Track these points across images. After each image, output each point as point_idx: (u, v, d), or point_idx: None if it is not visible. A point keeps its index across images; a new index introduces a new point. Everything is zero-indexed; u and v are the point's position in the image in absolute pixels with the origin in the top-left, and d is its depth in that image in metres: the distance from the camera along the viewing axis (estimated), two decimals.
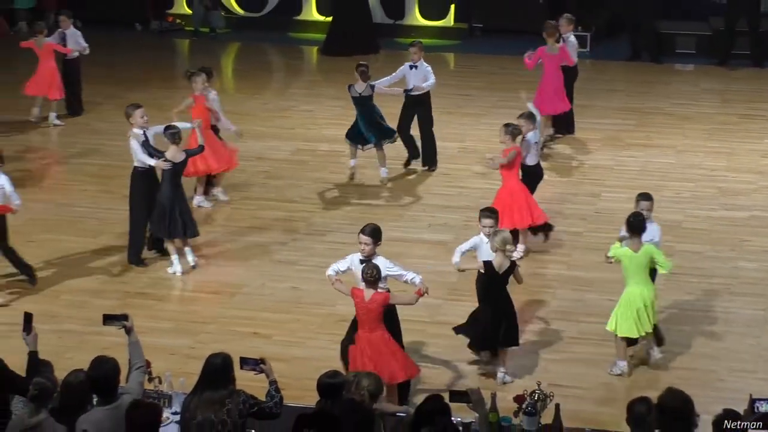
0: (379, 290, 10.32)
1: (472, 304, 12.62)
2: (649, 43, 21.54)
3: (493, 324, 11.06)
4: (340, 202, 15.55)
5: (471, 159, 17.00)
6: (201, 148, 13.97)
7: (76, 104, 18.67)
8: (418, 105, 16.35)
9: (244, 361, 8.54)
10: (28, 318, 8.85)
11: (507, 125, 13.54)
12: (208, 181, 15.35)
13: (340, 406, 8.21)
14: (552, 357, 11.70)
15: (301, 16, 24.21)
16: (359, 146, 15.93)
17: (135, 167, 13.73)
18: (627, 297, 11.12)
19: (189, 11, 24.25)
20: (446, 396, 8.19)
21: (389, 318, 10.60)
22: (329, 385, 8.39)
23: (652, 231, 11.33)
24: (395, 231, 14.39)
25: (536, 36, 22.66)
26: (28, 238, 14.36)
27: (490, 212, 11.63)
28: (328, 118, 18.34)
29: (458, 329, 11.32)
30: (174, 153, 13.42)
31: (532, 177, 13.95)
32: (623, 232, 11.34)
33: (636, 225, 11.03)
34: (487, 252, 11.20)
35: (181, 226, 13.49)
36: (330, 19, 23.14)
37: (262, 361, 8.62)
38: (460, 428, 8.81)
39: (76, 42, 18.27)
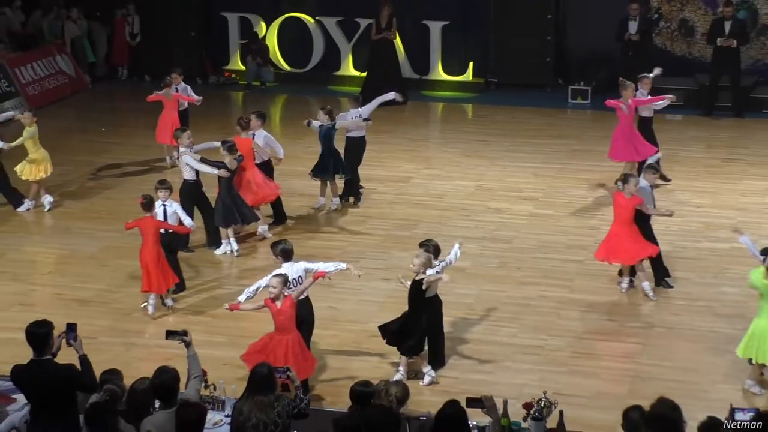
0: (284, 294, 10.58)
1: (489, 323, 12.64)
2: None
3: (402, 330, 11.18)
4: (371, 233, 15.52)
5: (486, 196, 16.95)
6: (241, 157, 14.77)
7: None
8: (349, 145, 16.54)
9: (275, 370, 8.59)
10: (71, 327, 8.82)
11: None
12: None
13: (370, 411, 8.19)
14: (557, 369, 11.62)
15: (340, 72, 24.27)
16: (329, 180, 16.19)
17: (185, 180, 14.55)
18: (753, 324, 10.90)
19: (243, 67, 24.37)
20: (463, 402, 8.16)
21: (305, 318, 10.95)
22: (361, 393, 8.38)
23: None
24: None
25: (542, 89, 22.83)
26: (103, 263, 14.44)
27: (421, 244, 11.63)
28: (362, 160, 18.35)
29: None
30: (230, 161, 14.42)
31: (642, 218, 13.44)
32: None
33: None
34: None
35: (240, 215, 14.62)
36: (365, 74, 23.21)
37: (289, 368, 8.79)
38: (476, 431, 8.78)
39: (188, 94, 18.46)
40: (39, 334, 8.56)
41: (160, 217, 13.02)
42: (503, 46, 23.23)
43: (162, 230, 12.96)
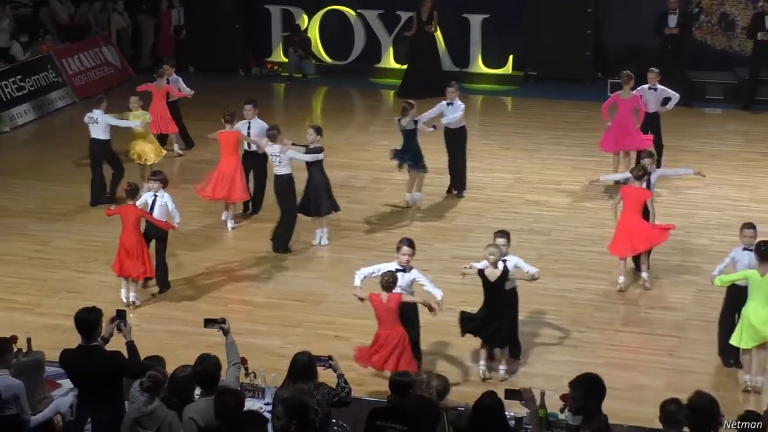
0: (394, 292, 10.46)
1: (526, 315, 12.56)
2: (682, 89, 21.29)
3: (484, 321, 11.05)
4: (411, 225, 15.50)
5: (524, 188, 16.89)
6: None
7: (188, 139, 18.90)
8: (455, 137, 16.23)
9: (317, 359, 8.58)
10: (121, 314, 8.87)
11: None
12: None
13: (409, 401, 8.17)
14: (594, 361, 11.54)
15: (381, 64, 24.24)
16: (402, 167, 15.97)
17: (281, 175, 14.25)
18: (745, 311, 10.85)
19: (285, 59, 24.39)
20: (501, 393, 8.14)
21: (410, 318, 10.75)
22: (400, 383, 8.35)
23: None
24: (459, 250, 14.31)
25: (581, 83, 22.68)
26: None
27: (501, 233, 11.47)
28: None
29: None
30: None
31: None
32: (724, 265, 11.16)
33: (765, 252, 10.67)
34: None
35: (333, 201, 14.64)
36: (405, 66, 23.15)
37: (331, 357, 8.76)
38: (513, 422, 8.74)
39: (179, 87, 18.48)
40: (88, 320, 8.62)
41: (149, 209, 12.97)
42: (543, 39, 23.08)
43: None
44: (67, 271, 13.96)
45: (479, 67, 23.68)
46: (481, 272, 11.03)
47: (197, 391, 8.46)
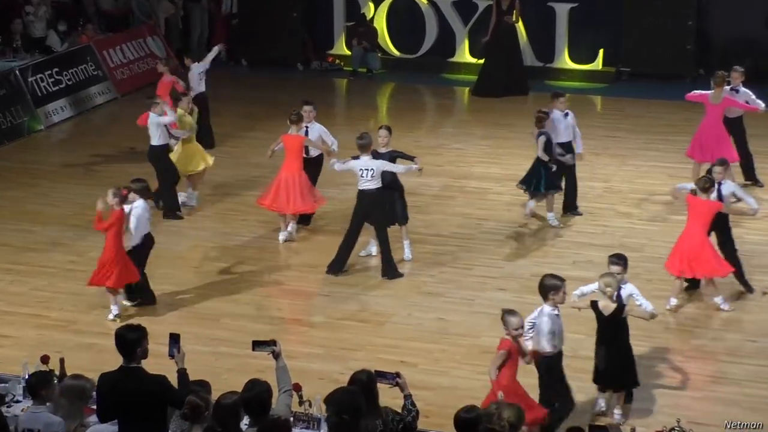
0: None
1: None
2: None
3: (605, 363, 10.91)
4: (486, 238, 15.44)
5: (615, 199, 16.78)
6: None
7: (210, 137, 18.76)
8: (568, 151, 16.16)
9: (382, 375, 8.56)
10: (175, 338, 8.89)
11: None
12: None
13: None
14: (692, 395, 11.45)
15: (454, 59, 24.25)
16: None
17: (375, 189, 14.11)
18: None
19: (348, 52, 24.50)
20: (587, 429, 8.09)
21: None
22: (465, 420, 8.31)
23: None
24: (541, 267, 14.18)
25: (681, 80, 22.47)
26: (192, 264, 14.61)
27: (617, 258, 11.43)
28: (477, 157, 18.27)
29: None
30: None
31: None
32: None
33: None
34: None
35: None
36: (482, 61, 23.12)
37: (398, 374, 8.71)
38: None
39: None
40: (126, 338, 8.54)
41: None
42: (637, 31, 22.96)
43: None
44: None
45: (565, 62, 23.61)
46: (593, 304, 10.89)
47: (245, 420, 8.50)
